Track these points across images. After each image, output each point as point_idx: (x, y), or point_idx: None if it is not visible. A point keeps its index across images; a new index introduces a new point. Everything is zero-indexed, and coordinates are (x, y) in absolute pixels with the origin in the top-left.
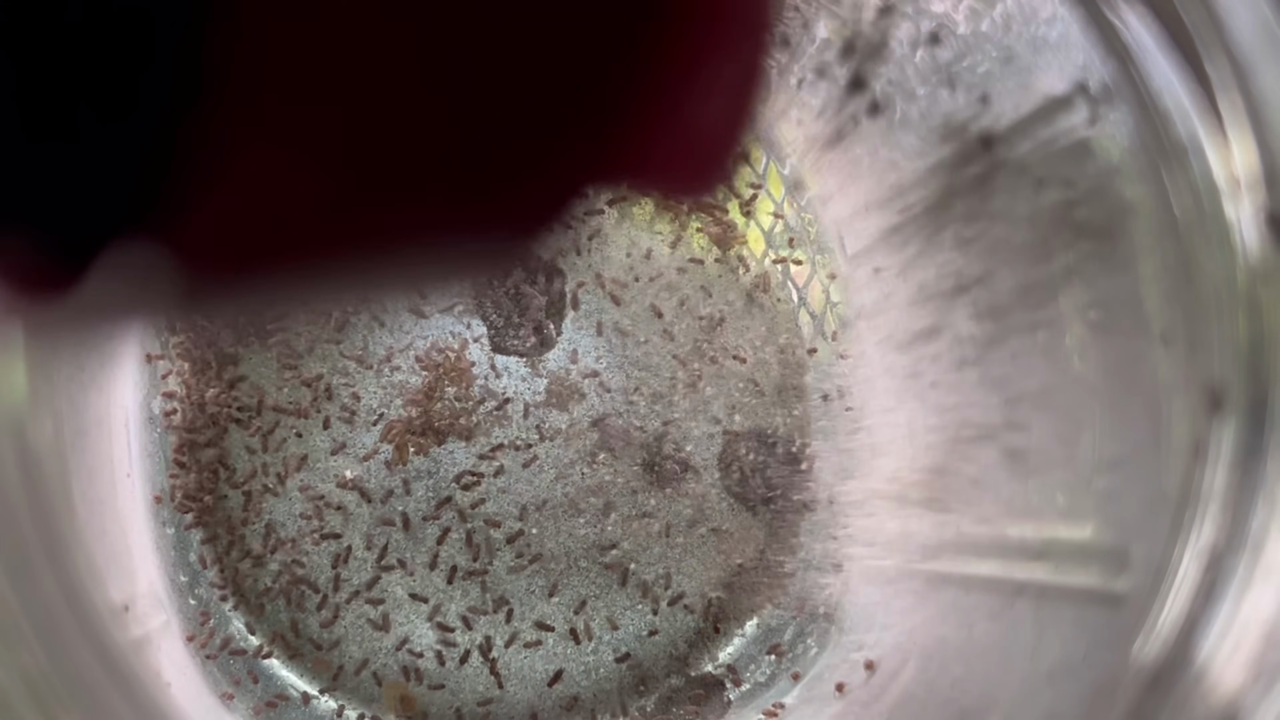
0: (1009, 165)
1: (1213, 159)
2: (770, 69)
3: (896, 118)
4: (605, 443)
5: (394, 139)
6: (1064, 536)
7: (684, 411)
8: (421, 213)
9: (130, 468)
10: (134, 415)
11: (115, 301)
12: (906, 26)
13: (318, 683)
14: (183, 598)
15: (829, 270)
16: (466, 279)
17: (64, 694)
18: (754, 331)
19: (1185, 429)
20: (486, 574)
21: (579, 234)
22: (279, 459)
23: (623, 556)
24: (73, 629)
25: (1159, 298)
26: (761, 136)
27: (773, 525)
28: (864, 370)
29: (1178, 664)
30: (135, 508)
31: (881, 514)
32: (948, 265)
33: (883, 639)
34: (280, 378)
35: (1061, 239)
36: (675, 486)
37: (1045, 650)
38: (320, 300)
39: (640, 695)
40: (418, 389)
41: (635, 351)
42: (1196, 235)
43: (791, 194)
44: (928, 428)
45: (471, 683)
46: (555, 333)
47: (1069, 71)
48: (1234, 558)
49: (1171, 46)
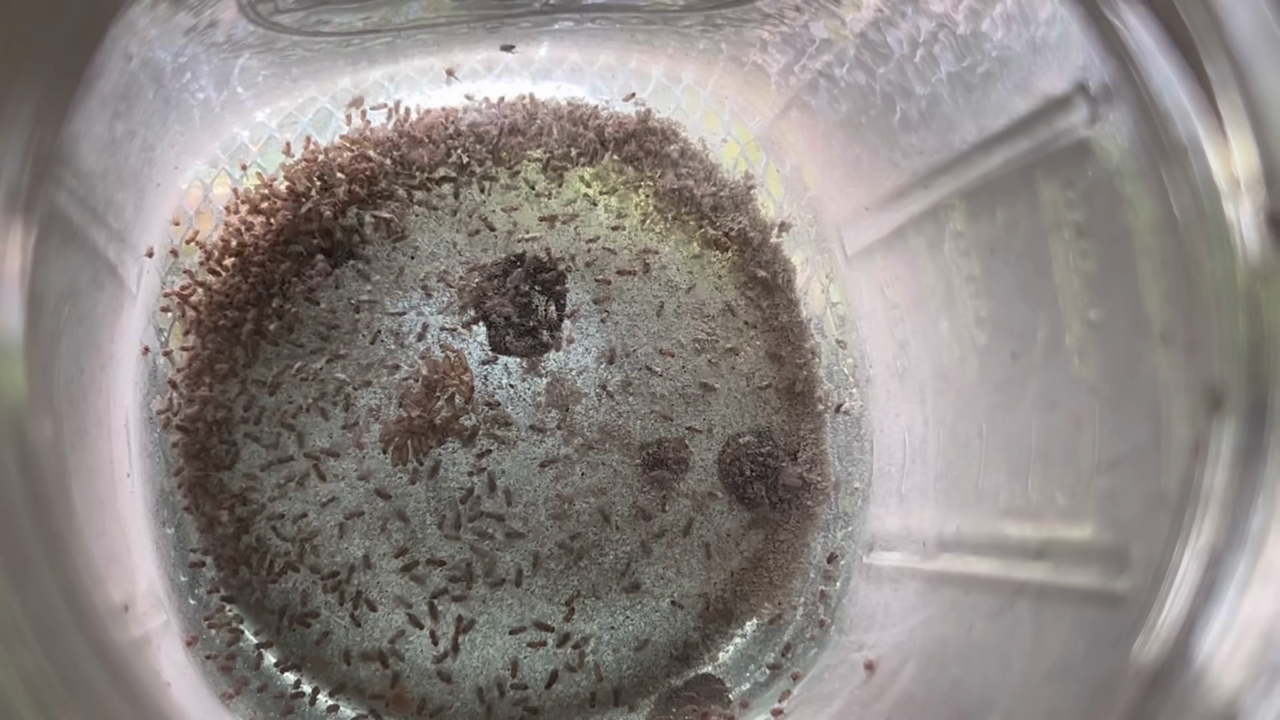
0: (1009, 165)
1: (1212, 159)
2: (770, 68)
3: (896, 118)
4: (605, 443)
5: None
6: (1064, 536)
7: (684, 412)
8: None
9: (130, 468)
10: (134, 415)
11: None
12: (906, 26)
13: (317, 682)
14: (183, 598)
15: (829, 270)
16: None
17: (64, 694)
18: (754, 332)
19: (1185, 429)
20: (486, 574)
21: (579, 236)
22: (279, 459)
23: (623, 556)
24: (73, 629)
25: (1159, 298)
26: (762, 136)
27: (772, 526)
28: (863, 371)
29: (1177, 664)
30: (135, 508)
31: (881, 514)
32: (948, 265)
33: (883, 639)
34: (281, 378)
35: (1061, 239)
36: (675, 486)
37: (1045, 650)
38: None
39: (640, 695)
40: (418, 389)
41: (635, 352)
42: (1196, 235)
43: (791, 194)
44: (927, 428)
45: (472, 682)
46: (555, 334)
47: (1069, 71)
48: (1234, 558)
49: (1171, 46)
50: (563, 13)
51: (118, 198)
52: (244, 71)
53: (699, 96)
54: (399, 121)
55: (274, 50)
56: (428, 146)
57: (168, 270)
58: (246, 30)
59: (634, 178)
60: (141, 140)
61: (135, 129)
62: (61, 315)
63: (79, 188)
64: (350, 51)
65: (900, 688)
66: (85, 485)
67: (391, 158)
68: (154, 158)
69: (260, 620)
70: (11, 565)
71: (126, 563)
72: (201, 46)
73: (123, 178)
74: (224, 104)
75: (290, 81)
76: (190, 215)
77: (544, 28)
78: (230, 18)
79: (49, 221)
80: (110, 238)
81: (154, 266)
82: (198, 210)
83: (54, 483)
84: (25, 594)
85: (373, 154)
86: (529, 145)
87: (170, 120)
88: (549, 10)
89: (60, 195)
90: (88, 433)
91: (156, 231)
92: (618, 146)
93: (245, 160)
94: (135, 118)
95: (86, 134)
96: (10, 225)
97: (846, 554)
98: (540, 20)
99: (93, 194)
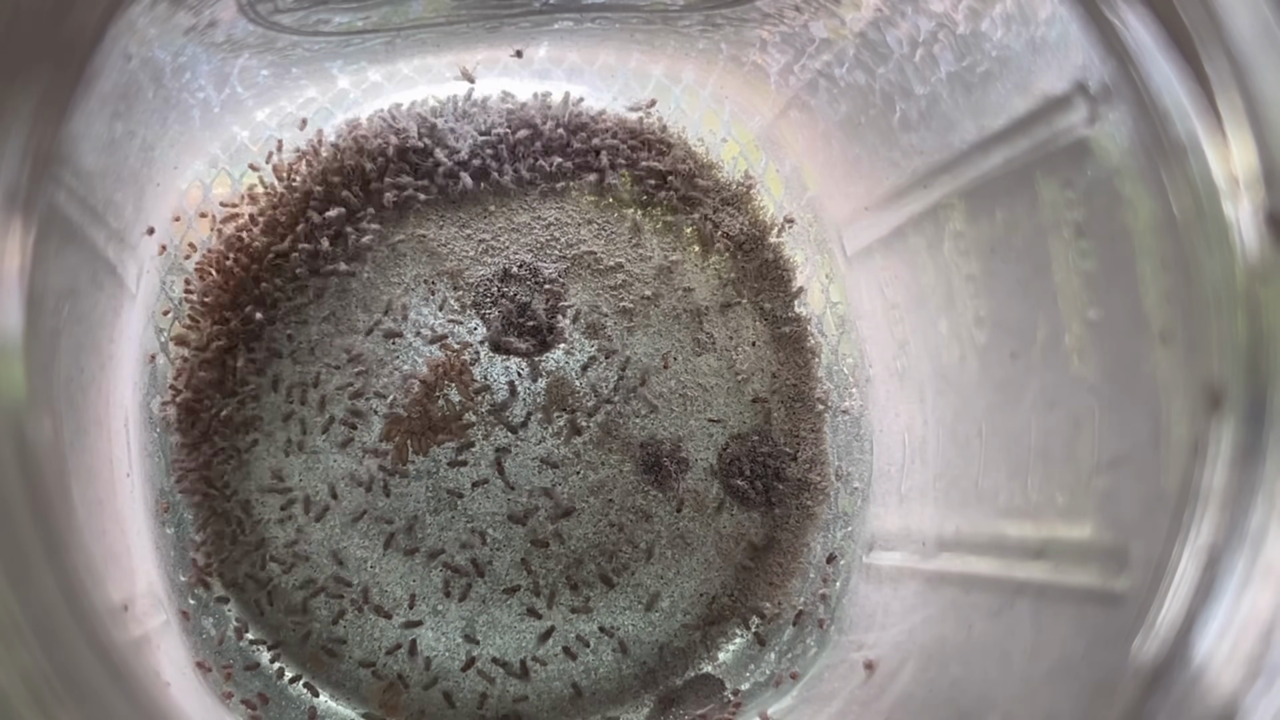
0: (1008, 165)
1: (1212, 158)
2: (770, 68)
3: (896, 117)
4: (605, 443)
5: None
6: (1063, 536)
7: (684, 412)
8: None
9: (130, 468)
10: (133, 415)
11: None
12: (906, 26)
13: (315, 681)
14: (183, 598)
15: (829, 270)
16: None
17: (64, 694)
18: (754, 332)
19: (1185, 429)
20: (486, 574)
21: (579, 237)
22: (278, 459)
23: (622, 557)
24: (72, 629)
25: (1158, 297)
26: (762, 136)
27: (772, 526)
28: (863, 370)
29: (1176, 663)
30: (135, 508)
31: (881, 514)
32: (947, 265)
33: (882, 639)
34: (281, 377)
35: (1061, 239)
36: (675, 486)
37: (1044, 650)
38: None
39: (640, 695)
40: (418, 389)
41: (635, 352)
42: (1196, 235)
43: (791, 194)
44: (926, 428)
45: (472, 683)
46: (554, 334)
47: (1069, 71)
48: (1232, 557)
49: (1171, 46)
50: (562, 13)
51: (117, 197)
52: (244, 71)
53: (699, 96)
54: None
55: (274, 50)
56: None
57: (168, 270)
58: (246, 30)
59: (635, 192)
60: (141, 140)
61: (135, 129)
62: (61, 315)
63: (78, 187)
64: (350, 51)
65: (900, 687)
66: (85, 485)
67: (385, 157)
68: (153, 157)
69: (260, 621)
70: (11, 565)
71: (126, 563)
72: (201, 46)
73: (122, 177)
74: (224, 104)
75: (290, 81)
76: (190, 215)
77: (544, 28)
78: (230, 17)
79: (48, 221)
80: (110, 237)
81: (154, 266)
82: (197, 210)
83: (54, 482)
84: (25, 594)
85: (374, 156)
86: (533, 146)
87: (170, 120)
88: (549, 10)
89: (59, 194)
90: (87, 432)
91: (156, 231)
92: (625, 167)
93: (249, 160)
94: (135, 117)
95: (86, 133)
96: (10, 225)
97: (846, 554)
98: (540, 20)
99: (92, 193)
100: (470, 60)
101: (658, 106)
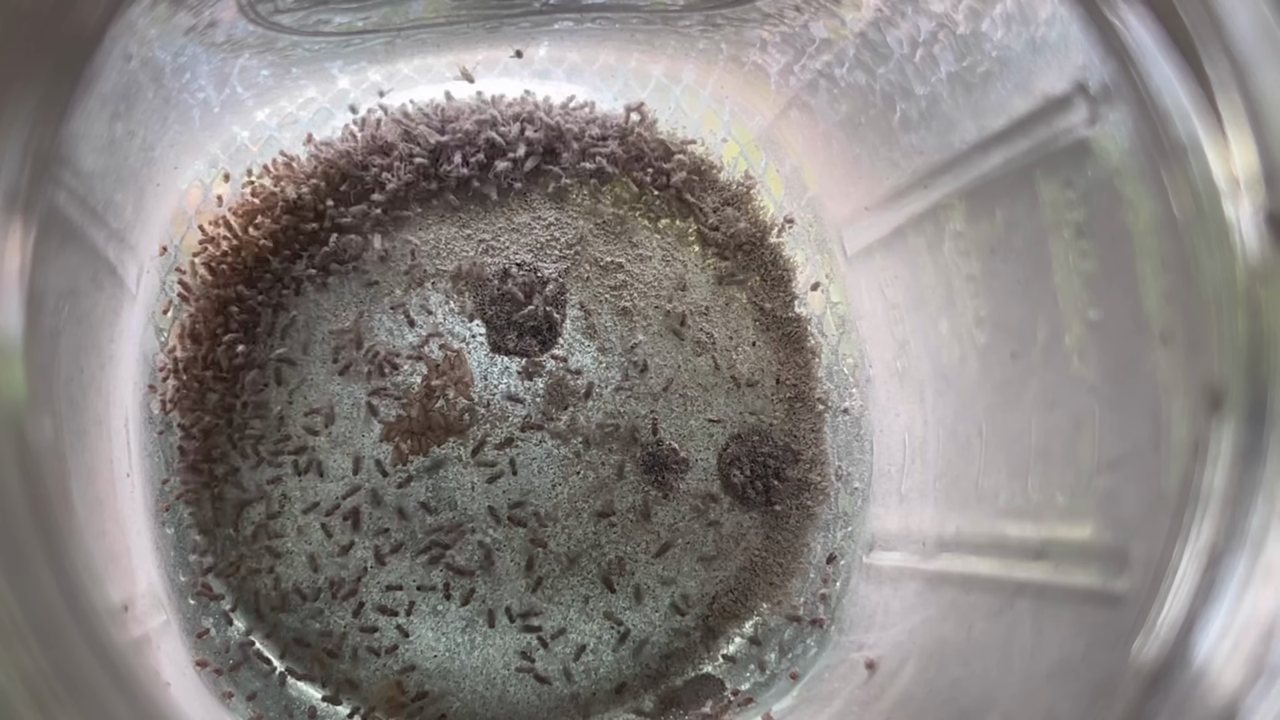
0: (1009, 165)
1: (1212, 159)
2: (770, 68)
3: (896, 118)
4: (604, 443)
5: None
6: (1064, 536)
7: (684, 412)
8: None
9: (130, 468)
10: (133, 415)
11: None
12: (906, 26)
13: (316, 681)
14: (182, 598)
15: (829, 270)
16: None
17: (64, 694)
18: (754, 333)
19: (1185, 429)
20: (485, 574)
21: (580, 238)
22: (278, 459)
23: (622, 556)
24: (72, 629)
25: (1159, 297)
26: (762, 136)
27: (772, 525)
28: (863, 371)
29: (1177, 663)
30: (135, 508)
31: (881, 514)
32: (947, 266)
33: (883, 639)
34: (281, 376)
35: (1061, 239)
36: (675, 486)
37: (1044, 650)
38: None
39: (640, 695)
40: (417, 389)
41: (635, 352)
42: (1196, 235)
43: (791, 194)
44: (927, 428)
45: (471, 682)
46: (554, 334)
47: (1069, 71)
48: (1233, 557)
49: (1171, 46)
50: (562, 13)
51: (117, 198)
52: (244, 71)
53: (699, 96)
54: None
55: (274, 50)
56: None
57: (168, 270)
58: (246, 30)
59: (635, 193)
60: (141, 140)
61: (135, 129)
62: (61, 315)
63: (78, 187)
64: (350, 51)
65: (900, 687)
66: (85, 485)
67: (385, 157)
68: (153, 158)
69: (260, 622)
70: (11, 565)
71: (126, 563)
72: (201, 46)
73: (122, 178)
74: (224, 104)
75: (290, 81)
76: (190, 215)
77: (544, 28)
78: (230, 18)
79: (48, 221)
80: (110, 238)
81: (154, 266)
82: (198, 210)
83: (54, 482)
84: (25, 594)
85: (375, 158)
86: (533, 147)
87: (170, 120)
88: (549, 10)
89: (59, 195)
90: (87, 433)
91: (156, 231)
92: (624, 167)
93: (248, 160)
94: (135, 118)
95: (86, 134)
96: (10, 225)
97: (846, 554)
98: (540, 20)
99: (92, 194)
100: (470, 60)
101: (658, 107)
